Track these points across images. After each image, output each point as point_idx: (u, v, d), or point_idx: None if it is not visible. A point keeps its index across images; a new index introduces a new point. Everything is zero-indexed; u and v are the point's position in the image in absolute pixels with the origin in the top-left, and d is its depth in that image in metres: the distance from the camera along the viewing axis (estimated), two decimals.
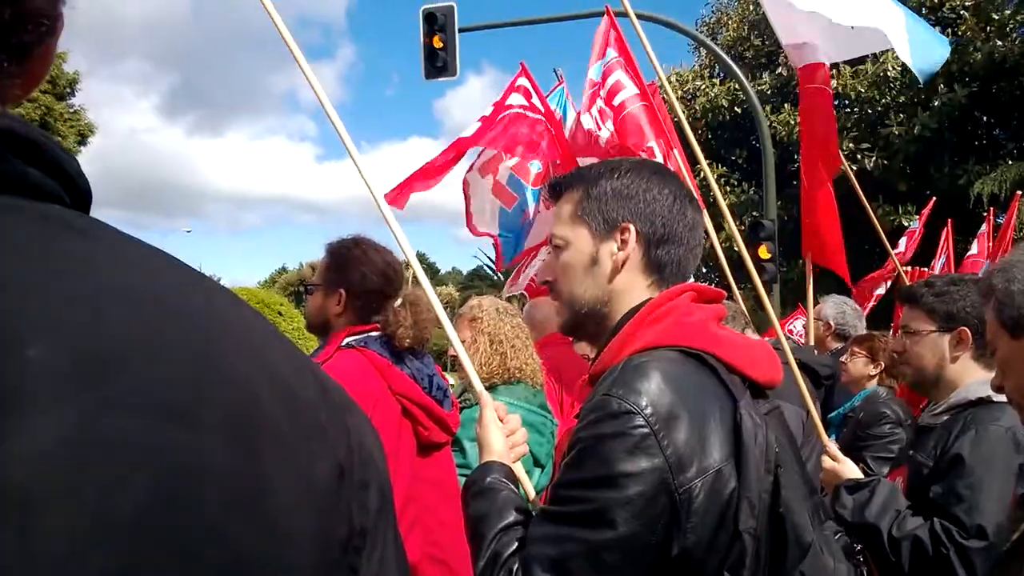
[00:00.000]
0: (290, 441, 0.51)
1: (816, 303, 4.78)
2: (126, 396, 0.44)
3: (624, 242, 1.39)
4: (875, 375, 3.96)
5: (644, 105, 3.98)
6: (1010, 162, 13.46)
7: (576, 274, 1.43)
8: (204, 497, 0.45)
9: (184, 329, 0.50)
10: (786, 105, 15.05)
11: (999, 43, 13.82)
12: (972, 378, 2.21)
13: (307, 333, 2.81)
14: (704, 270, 15.56)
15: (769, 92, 15.87)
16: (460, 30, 10.06)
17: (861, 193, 4.94)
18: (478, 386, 1.76)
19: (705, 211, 3.50)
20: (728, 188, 15.85)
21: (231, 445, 0.47)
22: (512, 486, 1.49)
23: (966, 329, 2.21)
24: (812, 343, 4.43)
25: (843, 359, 4.09)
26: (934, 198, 6.75)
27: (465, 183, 4.67)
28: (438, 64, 9.91)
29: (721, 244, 4.79)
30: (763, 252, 8.70)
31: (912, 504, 2.16)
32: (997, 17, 13.98)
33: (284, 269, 53.35)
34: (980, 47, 14.06)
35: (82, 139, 22.79)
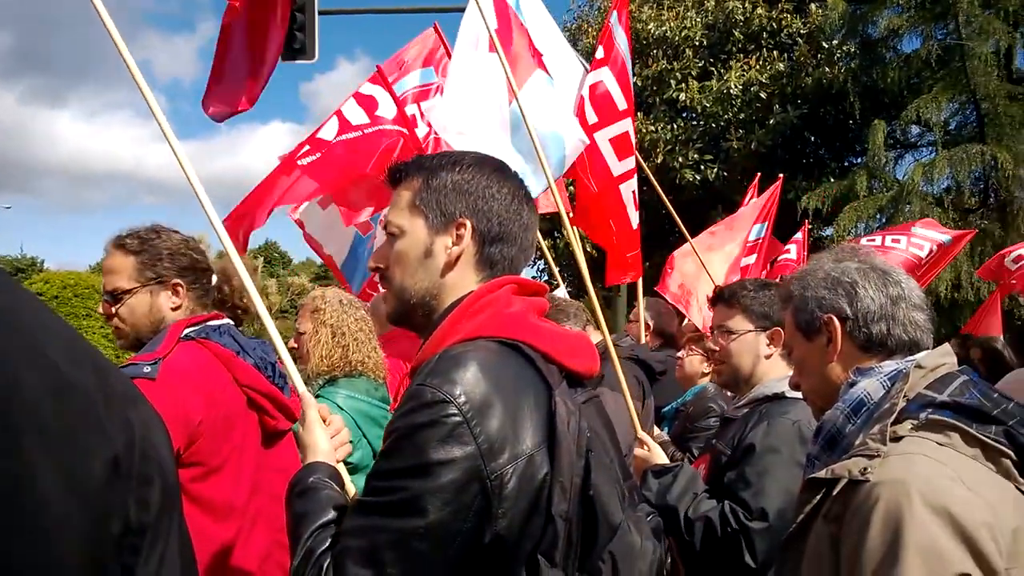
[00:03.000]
0: (57, 433, 0.49)
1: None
2: None
3: (459, 237, 1.41)
4: (708, 372, 4.25)
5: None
6: (832, 180, 14.78)
7: (409, 264, 1.43)
8: None
9: None
10: (639, 113, 15.75)
11: (827, 70, 15.16)
12: (773, 375, 2.42)
13: None
14: (558, 269, 16.04)
15: None
16: (320, 12, 9.77)
17: (673, 211, 5.38)
18: (300, 387, 1.73)
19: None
20: None
21: None
22: (335, 486, 1.47)
23: (779, 329, 2.41)
24: (643, 341, 4.71)
25: (679, 355, 4.36)
26: (782, 176, 7.50)
27: (300, 224, 4.45)
28: (295, 45, 9.55)
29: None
30: None
31: (711, 489, 2.34)
32: (827, 46, 15.32)
33: None
34: (811, 72, 15.37)
35: None
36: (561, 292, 5.28)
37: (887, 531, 1.25)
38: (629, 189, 4.90)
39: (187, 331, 2.17)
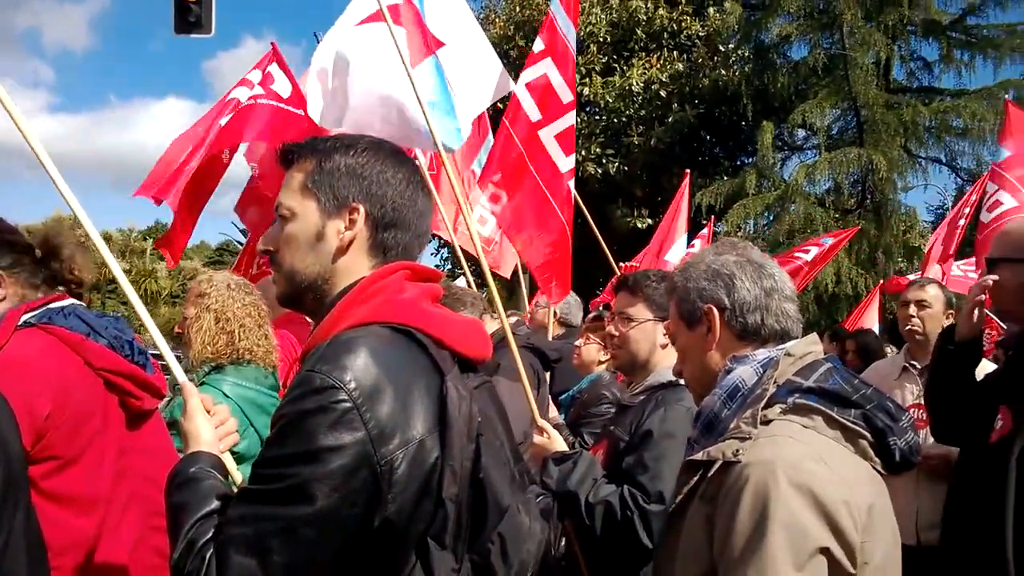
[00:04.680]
0: None
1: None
2: None
3: (352, 222, 1.39)
4: (605, 360, 4.33)
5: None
6: (725, 178, 15.41)
7: (300, 247, 1.41)
8: None
9: None
10: None
11: (723, 72, 15.76)
12: (667, 363, 2.50)
13: None
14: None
15: None
16: None
17: (582, 204, 5.49)
18: (180, 376, 1.67)
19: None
20: None
21: None
22: (219, 475, 1.43)
23: None
24: (551, 330, 4.80)
25: (577, 343, 4.44)
26: (687, 172, 7.86)
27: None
28: (191, 19, 9.07)
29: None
30: None
31: (609, 474, 2.40)
32: (723, 49, 15.93)
33: None
34: (708, 74, 15.94)
35: None
36: (461, 282, 5.28)
37: (755, 509, 1.32)
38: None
39: (26, 318, 1.99)
